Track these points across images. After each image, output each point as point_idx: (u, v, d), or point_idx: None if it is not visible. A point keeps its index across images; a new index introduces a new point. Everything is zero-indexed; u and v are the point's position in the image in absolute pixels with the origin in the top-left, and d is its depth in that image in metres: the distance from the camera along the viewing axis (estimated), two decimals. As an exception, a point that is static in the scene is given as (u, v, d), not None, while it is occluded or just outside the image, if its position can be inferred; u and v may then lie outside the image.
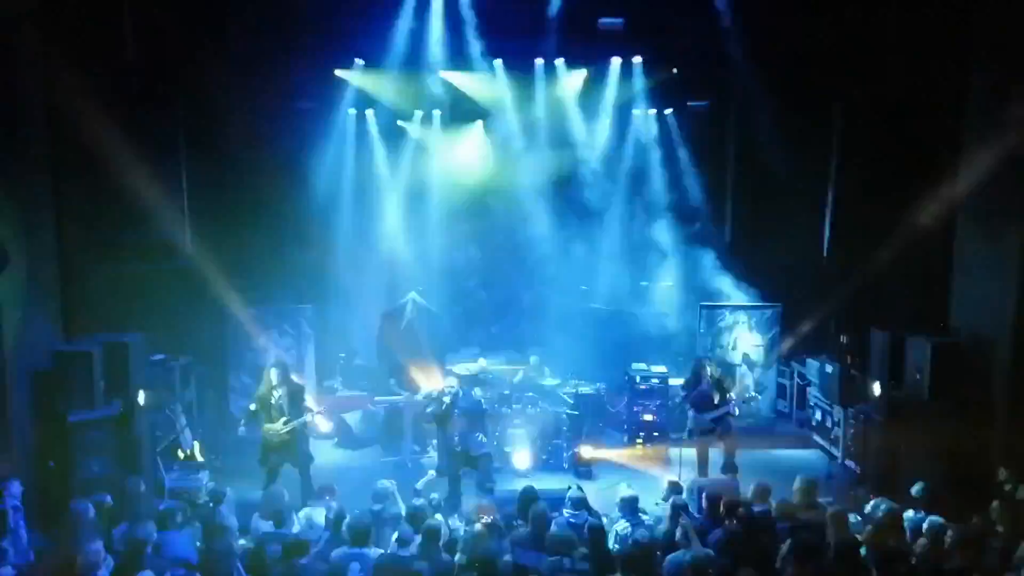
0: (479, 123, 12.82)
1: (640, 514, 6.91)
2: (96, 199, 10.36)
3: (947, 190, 9.75)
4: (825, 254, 12.21)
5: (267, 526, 6.74)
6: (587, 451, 10.15)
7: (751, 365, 11.96)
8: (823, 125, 11.60)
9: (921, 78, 9.78)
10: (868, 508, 7.21)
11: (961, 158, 9.55)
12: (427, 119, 12.81)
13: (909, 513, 6.76)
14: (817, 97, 11.23)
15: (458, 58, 11.81)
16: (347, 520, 6.36)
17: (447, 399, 8.97)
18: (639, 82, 12.32)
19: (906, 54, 10.07)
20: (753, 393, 11.54)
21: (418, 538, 6.07)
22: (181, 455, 9.88)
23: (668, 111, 12.75)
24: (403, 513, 6.76)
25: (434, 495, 7.35)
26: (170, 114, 11.08)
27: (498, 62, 12.04)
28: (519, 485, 7.63)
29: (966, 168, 9.48)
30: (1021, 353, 8.37)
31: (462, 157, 13.02)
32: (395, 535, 6.11)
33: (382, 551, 6.11)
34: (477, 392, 9.22)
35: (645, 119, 12.90)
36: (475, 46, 11.51)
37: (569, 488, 7.14)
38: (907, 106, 10.05)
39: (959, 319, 9.45)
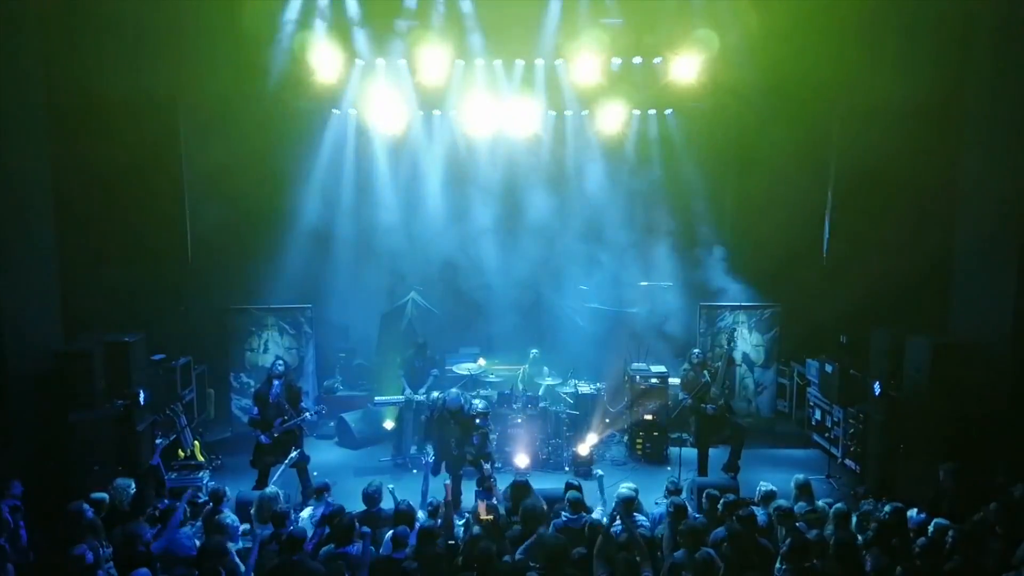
0: (479, 122, 12.76)
1: (636, 514, 6.91)
2: (96, 200, 10.40)
3: (947, 189, 9.79)
4: (825, 254, 12.23)
5: (265, 526, 6.74)
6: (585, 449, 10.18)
7: (751, 365, 11.99)
8: (824, 124, 11.62)
9: (920, 78, 9.80)
10: (869, 507, 7.24)
11: (960, 159, 9.59)
12: (427, 115, 12.81)
13: (911, 512, 6.78)
14: (818, 95, 11.24)
15: (458, 57, 11.84)
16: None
17: (436, 394, 8.97)
18: (639, 82, 12.31)
19: (905, 54, 10.09)
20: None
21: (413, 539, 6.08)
22: (181, 454, 9.89)
23: (668, 111, 12.74)
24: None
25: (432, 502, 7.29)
26: (170, 114, 11.13)
27: (497, 62, 12.06)
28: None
29: (965, 167, 9.52)
30: (1019, 352, 8.39)
31: (461, 156, 13.00)
32: (389, 534, 6.13)
33: (372, 550, 6.12)
34: (478, 403, 9.15)
35: (645, 118, 12.90)
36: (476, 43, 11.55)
37: (567, 488, 7.14)
38: (907, 106, 10.06)
39: (958, 319, 9.47)
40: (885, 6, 10.29)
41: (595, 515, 6.72)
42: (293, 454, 8.27)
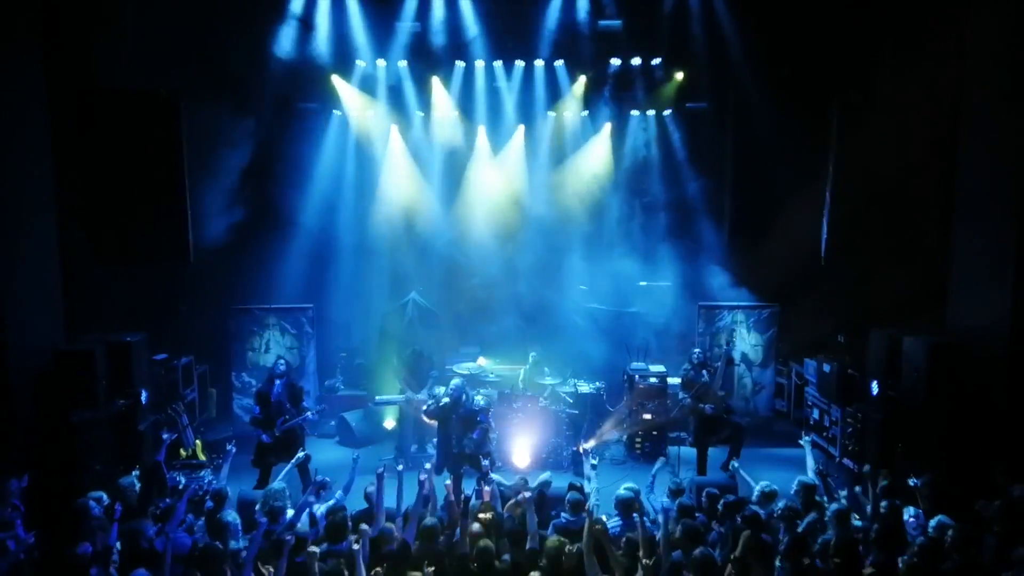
0: (480, 125, 12.81)
1: (635, 515, 6.92)
2: (97, 199, 10.41)
3: (944, 190, 9.81)
4: (824, 254, 12.24)
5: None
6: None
7: (749, 364, 12.02)
8: (822, 125, 11.65)
9: (918, 78, 9.83)
10: (869, 507, 7.26)
11: (959, 157, 9.61)
12: (426, 117, 12.84)
13: (910, 511, 6.80)
14: (816, 97, 11.27)
15: (458, 58, 11.89)
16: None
17: (446, 399, 9.00)
18: (638, 83, 12.35)
19: (903, 55, 10.11)
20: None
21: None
22: (183, 454, 9.92)
23: (667, 112, 12.77)
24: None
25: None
26: (170, 114, 11.14)
27: (498, 63, 12.10)
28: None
29: (963, 167, 9.54)
30: (1018, 352, 8.41)
31: (461, 156, 13.02)
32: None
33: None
34: (480, 400, 9.20)
35: (644, 119, 12.93)
36: (475, 46, 11.60)
37: (569, 489, 7.15)
38: (905, 106, 10.09)
39: (956, 319, 9.49)
40: (883, 2, 10.33)
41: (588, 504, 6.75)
42: (300, 454, 8.29)
